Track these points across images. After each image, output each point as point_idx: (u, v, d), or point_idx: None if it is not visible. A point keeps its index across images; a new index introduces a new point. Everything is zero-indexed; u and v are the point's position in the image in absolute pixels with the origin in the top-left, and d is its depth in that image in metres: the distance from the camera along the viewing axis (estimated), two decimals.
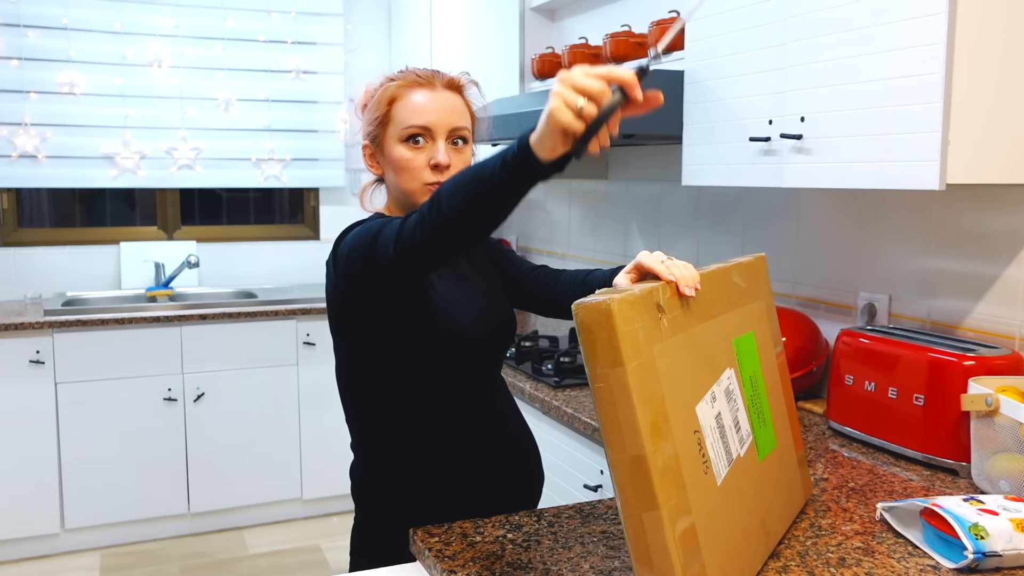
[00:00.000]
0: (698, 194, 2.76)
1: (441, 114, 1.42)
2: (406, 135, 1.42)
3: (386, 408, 1.46)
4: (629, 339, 0.95)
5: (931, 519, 1.29)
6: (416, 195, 1.43)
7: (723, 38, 2.06)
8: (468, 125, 1.46)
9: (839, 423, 1.92)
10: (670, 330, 1.05)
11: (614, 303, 0.94)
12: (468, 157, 1.47)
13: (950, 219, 1.92)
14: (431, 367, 1.44)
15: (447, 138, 1.43)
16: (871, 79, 1.65)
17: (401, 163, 1.42)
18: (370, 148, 1.50)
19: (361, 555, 1.53)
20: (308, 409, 3.85)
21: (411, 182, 1.42)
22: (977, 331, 1.87)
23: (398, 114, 1.42)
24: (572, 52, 2.78)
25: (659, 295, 1.05)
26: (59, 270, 4.00)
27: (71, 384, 3.45)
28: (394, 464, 1.48)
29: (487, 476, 1.51)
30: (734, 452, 1.15)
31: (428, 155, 1.41)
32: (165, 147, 4.06)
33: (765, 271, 1.42)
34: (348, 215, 4.50)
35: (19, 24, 3.79)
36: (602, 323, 0.95)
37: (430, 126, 1.41)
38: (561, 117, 0.96)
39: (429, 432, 1.46)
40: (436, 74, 1.46)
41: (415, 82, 1.43)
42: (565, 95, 0.96)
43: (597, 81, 0.97)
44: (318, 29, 4.30)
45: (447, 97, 1.44)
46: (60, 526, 3.51)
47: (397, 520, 1.47)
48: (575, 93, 0.96)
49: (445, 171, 1.41)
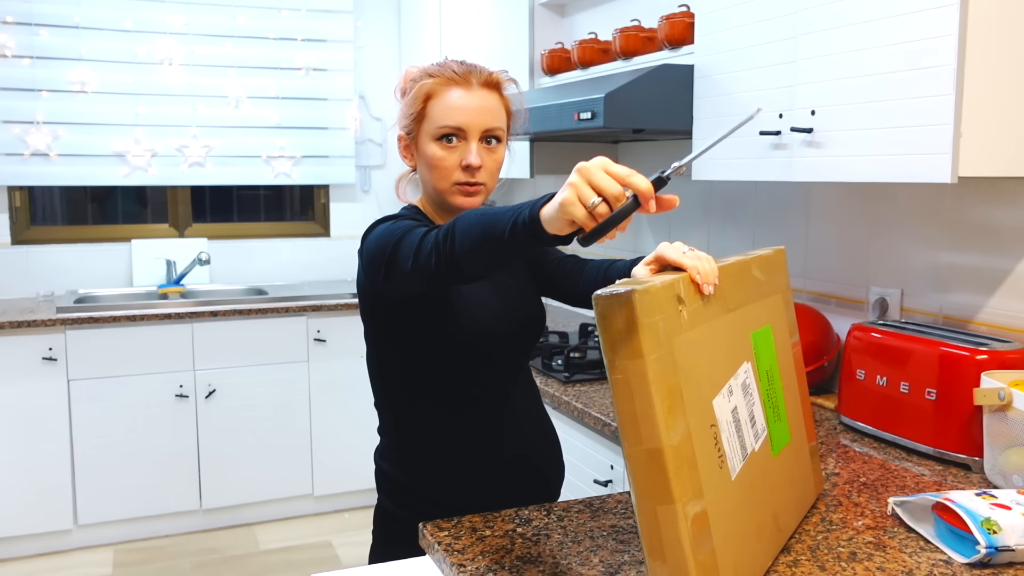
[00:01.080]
0: (709, 189, 2.75)
1: (475, 115, 1.42)
2: (439, 134, 1.43)
3: (405, 394, 1.50)
4: (650, 331, 0.94)
5: (943, 514, 1.29)
6: (446, 194, 1.45)
7: (733, 32, 2.05)
8: (502, 124, 1.47)
9: (851, 418, 1.91)
10: (690, 322, 1.04)
11: (636, 294, 0.93)
12: (501, 156, 1.48)
13: (962, 212, 1.91)
14: (447, 359, 1.46)
15: (480, 138, 1.43)
16: (882, 72, 1.64)
17: (433, 161, 1.43)
18: (405, 140, 1.51)
19: (380, 537, 1.58)
20: (319, 406, 3.86)
21: (442, 181, 1.44)
22: (990, 325, 1.86)
23: (433, 111, 1.43)
24: (581, 47, 2.77)
25: (680, 287, 1.04)
26: (71, 268, 4.02)
27: (83, 381, 3.47)
28: (408, 448, 1.51)
29: (500, 468, 1.52)
30: (749, 447, 1.14)
31: (460, 155, 1.43)
32: (176, 145, 4.08)
33: (784, 264, 1.41)
34: (359, 212, 4.51)
35: (31, 23, 3.81)
36: (623, 314, 0.93)
37: (463, 127, 1.42)
38: (574, 212, 0.96)
39: (445, 420, 1.49)
40: (473, 71, 1.45)
41: (452, 79, 1.43)
42: (581, 190, 0.96)
43: (614, 184, 0.95)
44: (328, 26, 4.30)
45: (482, 96, 1.44)
46: (73, 522, 3.53)
47: (407, 502, 1.51)
48: (591, 190, 0.96)
49: (476, 172, 1.42)
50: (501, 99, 1.47)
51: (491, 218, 1.09)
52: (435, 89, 1.43)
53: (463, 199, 1.44)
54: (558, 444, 1.66)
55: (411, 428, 1.51)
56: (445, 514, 1.48)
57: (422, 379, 1.48)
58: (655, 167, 3.00)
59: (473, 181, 1.43)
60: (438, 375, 1.48)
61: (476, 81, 1.44)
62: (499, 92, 1.47)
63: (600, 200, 0.95)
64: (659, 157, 2.98)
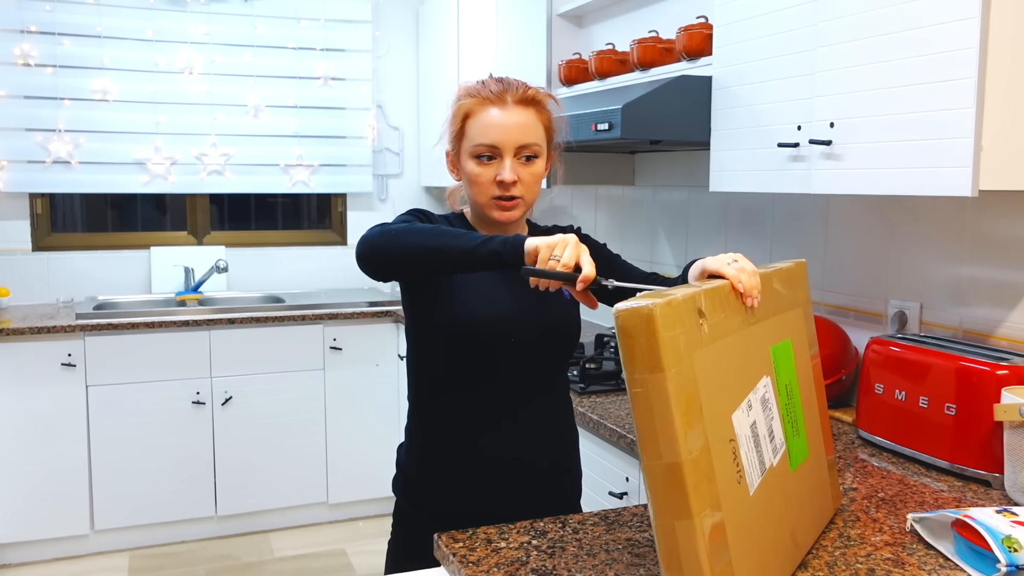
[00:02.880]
0: (726, 200, 2.74)
1: (508, 132, 1.48)
2: (476, 152, 1.49)
3: (427, 391, 1.57)
4: (670, 345, 0.94)
5: (963, 531, 1.27)
6: (484, 207, 1.52)
7: (751, 43, 2.05)
8: (537, 140, 1.51)
9: (869, 432, 1.89)
10: (710, 336, 1.03)
11: (657, 308, 0.93)
12: (538, 170, 1.53)
13: (983, 226, 1.89)
14: (449, 353, 1.52)
15: (515, 155, 1.48)
16: (902, 84, 1.63)
17: (472, 177, 1.51)
18: (451, 156, 1.58)
19: (397, 536, 1.63)
20: (334, 414, 3.87)
21: (480, 196, 1.51)
22: (1010, 340, 1.84)
23: (471, 130, 1.50)
24: (599, 58, 2.77)
25: (701, 300, 1.03)
26: (91, 274, 4.05)
27: (102, 387, 3.49)
28: (424, 447, 1.58)
29: (510, 472, 1.54)
30: (767, 462, 1.13)
31: (495, 171, 1.49)
32: (195, 153, 4.11)
33: (805, 277, 1.41)
34: (376, 220, 4.52)
35: (54, 32, 3.85)
36: (643, 328, 0.93)
37: (497, 145, 1.48)
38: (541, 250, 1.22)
39: (457, 422, 1.54)
40: (508, 89, 1.51)
41: (487, 99, 1.50)
42: (552, 246, 1.22)
43: (573, 259, 1.20)
44: (347, 36, 4.33)
45: (517, 114, 1.49)
46: (90, 527, 3.55)
47: (419, 500, 1.58)
48: (559, 251, 1.21)
49: (511, 187, 1.48)
50: (538, 115, 1.52)
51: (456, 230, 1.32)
52: (472, 108, 1.51)
53: (500, 213, 1.51)
54: (577, 459, 1.66)
55: (428, 427, 1.57)
56: (455, 518, 1.52)
57: (436, 376, 1.55)
58: (673, 178, 3.00)
59: (509, 195, 1.49)
60: (449, 373, 1.54)
61: (511, 99, 1.50)
62: (535, 108, 1.52)
63: (559, 257, 1.20)
64: (677, 168, 2.97)
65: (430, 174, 4.40)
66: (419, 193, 4.62)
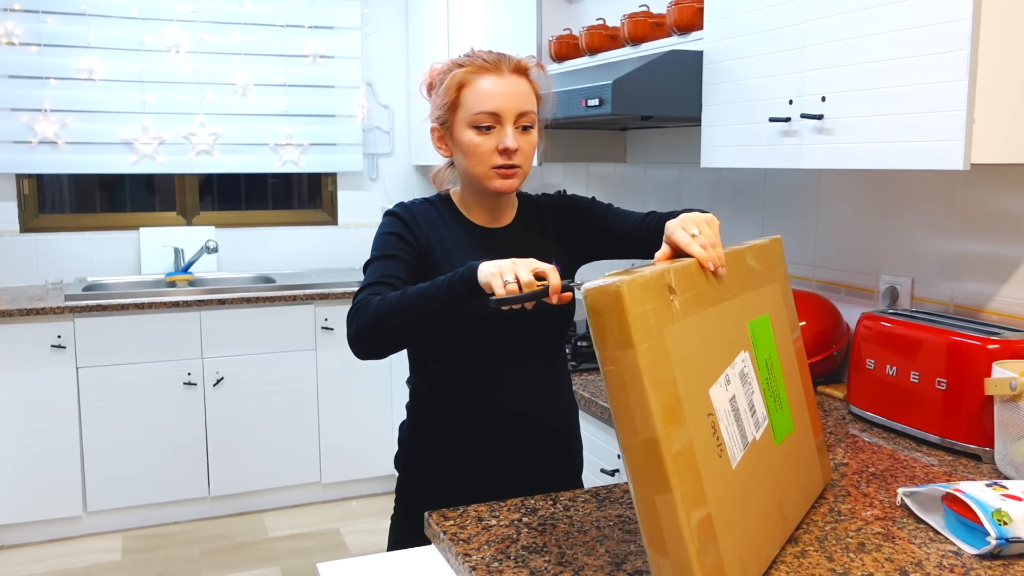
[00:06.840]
0: (717, 176, 2.73)
1: (508, 99, 1.46)
2: (475, 121, 1.46)
3: (425, 369, 1.59)
4: (640, 321, 0.94)
5: (953, 504, 1.27)
6: (484, 179, 1.49)
7: (742, 17, 2.03)
8: (534, 108, 1.50)
9: (860, 408, 1.89)
10: (682, 312, 1.03)
11: (624, 285, 0.93)
12: (534, 140, 1.52)
13: (975, 200, 1.88)
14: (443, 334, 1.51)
15: (514, 123, 1.47)
16: (894, 57, 1.61)
17: (470, 148, 1.47)
18: (439, 131, 1.54)
19: (399, 509, 1.65)
20: (326, 394, 3.87)
21: (479, 166, 1.48)
22: (1002, 314, 1.84)
23: (467, 100, 1.47)
24: (589, 33, 2.75)
25: (671, 276, 1.03)
26: (80, 256, 4.03)
27: (92, 368, 3.48)
28: (420, 424, 1.59)
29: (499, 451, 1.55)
30: (749, 435, 1.13)
31: (496, 140, 1.47)
32: (184, 133, 4.07)
33: (781, 253, 1.40)
34: (366, 200, 4.50)
35: (38, 10, 3.80)
36: (612, 305, 0.94)
37: (499, 112, 1.46)
38: (492, 281, 1.21)
39: (450, 399, 1.55)
40: (503, 58, 1.49)
41: (483, 67, 1.47)
42: (504, 271, 1.20)
43: (527, 275, 1.19)
44: (335, 13, 4.29)
45: (514, 82, 1.48)
46: (82, 509, 3.55)
47: (416, 475, 1.59)
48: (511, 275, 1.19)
49: (513, 155, 1.47)
50: (531, 84, 1.51)
51: (420, 288, 1.32)
52: (467, 78, 1.47)
53: (501, 182, 1.48)
54: (573, 439, 1.66)
55: (425, 404, 1.59)
56: (454, 491, 1.53)
57: (432, 353, 1.56)
58: (665, 155, 2.98)
59: (511, 164, 1.47)
60: (443, 350, 1.54)
61: (506, 68, 1.48)
62: (528, 77, 1.51)
63: (512, 281, 1.19)
64: (668, 144, 2.96)
65: (420, 153, 4.37)
66: (410, 172, 4.60)
